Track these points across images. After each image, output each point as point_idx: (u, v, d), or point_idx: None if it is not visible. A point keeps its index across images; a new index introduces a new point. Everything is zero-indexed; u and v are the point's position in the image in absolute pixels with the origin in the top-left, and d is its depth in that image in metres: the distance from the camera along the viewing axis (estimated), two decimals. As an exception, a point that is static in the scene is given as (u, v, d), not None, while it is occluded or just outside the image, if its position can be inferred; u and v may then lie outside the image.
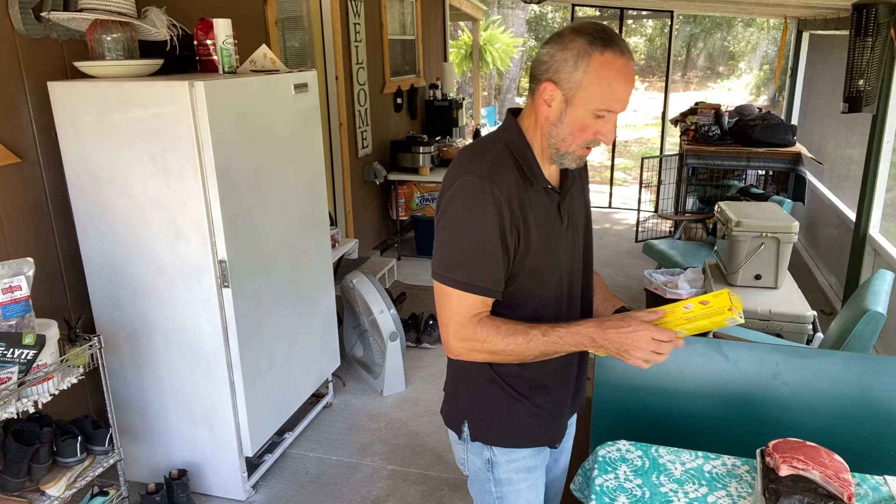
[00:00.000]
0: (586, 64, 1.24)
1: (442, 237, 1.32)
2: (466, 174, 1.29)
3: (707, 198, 5.69)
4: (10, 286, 1.91)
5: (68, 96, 2.34)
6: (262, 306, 2.63)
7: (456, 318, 1.32)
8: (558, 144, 1.32)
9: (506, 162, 1.32)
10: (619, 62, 1.24)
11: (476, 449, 1.50)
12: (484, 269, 1.29)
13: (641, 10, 10.06)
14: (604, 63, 1.24)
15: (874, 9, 3.30)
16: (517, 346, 1.30)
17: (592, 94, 1.25)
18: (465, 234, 1.29)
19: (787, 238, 3.18)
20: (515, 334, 1.30)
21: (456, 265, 1.30)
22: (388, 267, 4.94)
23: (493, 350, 1.31)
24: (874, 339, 2.32)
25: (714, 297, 1.30)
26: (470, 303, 1.31)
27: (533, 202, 1.33)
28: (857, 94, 3.48)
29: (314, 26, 4.50)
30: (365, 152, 5.24)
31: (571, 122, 1.29)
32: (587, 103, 1.26)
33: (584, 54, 1.24)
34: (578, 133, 1.30)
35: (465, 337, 1.32)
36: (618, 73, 1.25)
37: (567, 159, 1.34)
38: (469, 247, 1.29)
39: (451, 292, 1.31)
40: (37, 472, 2.12)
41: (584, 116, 1.28)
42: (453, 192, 1.30)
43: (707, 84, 17.84)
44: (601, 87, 1.24)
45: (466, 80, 13.60)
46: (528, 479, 1.51)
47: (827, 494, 1.29)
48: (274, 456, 2.90)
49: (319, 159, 3.04)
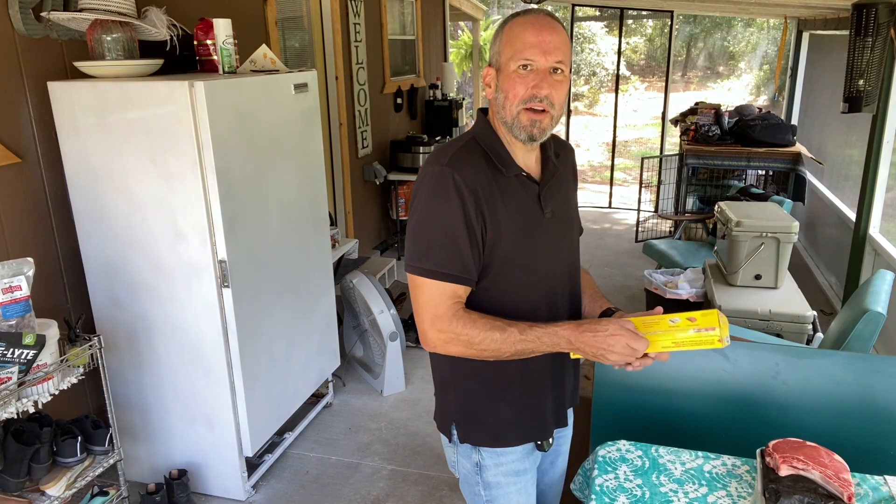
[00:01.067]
0: (501, 34, 1.34)
1: (409, 227, 1.35)
2: (431, 164, 1.33)
3: (707, 198, 5.69)
4: (10, 286, 1.91)
5: (68, 96, 2.34)
6: (262, 306, 2.63)
7: (429, 308, 1.31)
8: (504, 116, 1.35)
9: (472, 151, 1.35)
10: (526, 18, 1.32)
11: (465, 452, 1.49)
12: (451, 256, 1.30)
13: (641, 10, 10.06)
14: (513, 24, 1.33)
15: (874, 9, 3.30)
16: (493, 341, 1.29)
17: (507, 52, 1.31)
18: (430, 222, 1.31)
19: (787, 238, 3.19)
20: (492, 329, 1.29)
21: (423, 254, 1.31)
22: (388, 267, 4.94)
23: (469, 342, 1.30)
24: (874, 339, 2.32)
25: (702, 316, 1.26)
26: (441, 291, 1.31)
27: (505, 191, 1.34)
28: (857, 94, 3.48)
29: (314, 26, 4.50)
30: (365, 152, 5.24)
31: (504, 88, 1.33)
32: (507, 62, 1.31)
33: (500, 29, 1.35)
34: (512, 93, 1.32)
35: (441, 328, 1.31)
36: (524, 26, 1.31)
37: (516, 129, 1.34)
38: (434, 235, 1.30)
39: (423, 282, 1.31)
40: (37, 472, 2.12)
41: (511, 76, 1.31)
42: (419, 182, 1.35)
43: (707, 84, 17.84)
44: (511, 41, 1.31)
45: (466, 80, 13.60)
46: (518, 483, 1.50)
47: (827, 494, 1.29)
48: (274, 456, 2.90)
49: (319, 159, 3.04)
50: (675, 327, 1.26)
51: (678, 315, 1.29)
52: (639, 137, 13.87)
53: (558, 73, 1.31)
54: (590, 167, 10.81)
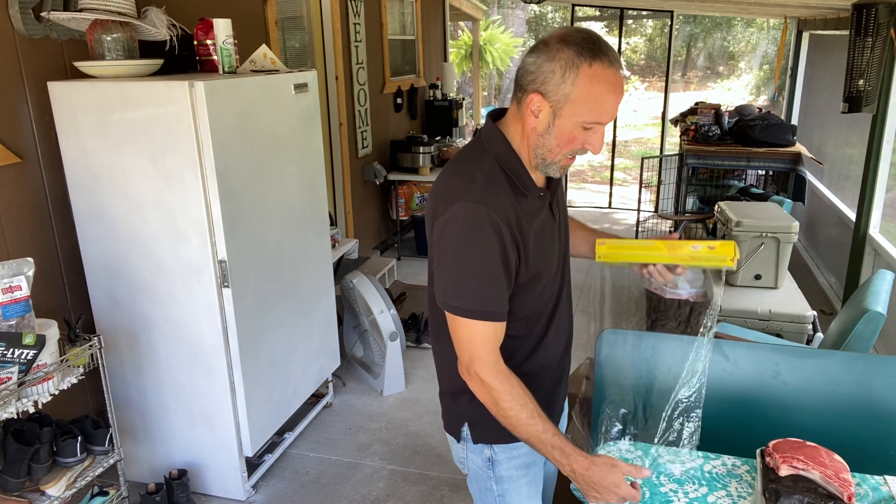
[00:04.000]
0: (574, 76, 1.21)
1: (444, 265, 1.31)
2: (461, 199, 1.26)
3: (707, 198, 5.68)
4: (10, 286, 1.90)
5: (68, 96, 2.34)
6: (262, 306, 2.63)
7: (469, 347, 1.32)
8: (545, 155, 1.31)
9: (498, 179, 1.30)
10: (608, 73, 1.22)
11: (476, 448, 1.50)
12: (489, 294, 1.29)
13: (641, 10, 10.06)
14: (592, 75, 1.21)
15: (874, 9, 3.30)
16: (517, 416, 1.30)
17: (581, 107, 1.23)
18: (468, 261, 1.28)
19: (787, 238, 3.18)
20: (523, 407, 1.30)
21: (462, 293, 1.29)
22: (388, 267, 4.94)
23: (497, 402, 1.31)
24: (874, 339, 2.32)
25: (721, 245, 1.41)
26: (481, 331, 1.31)
27: (528, 212, 1.33)
28: (857, 94, 3.48)
29: (314, 26, 4.50)
30: (365, 152, 5.24)
31: (559, 134, 1.27)
32: (575, 116, 1.24)
33: (572, 66, 1.21)
34: (566, 144, 1.28)
35: (477, 372, 1.31)
36: (607, 86, 1.22)
37: (552, 168, 1.34)
38: (473, 274, 1.28)
39: (460, 320, 1.31)
40: (37, 472, 2.12)
41: (573, 129, 1.26)
42: (449, 219, 1.27)
43: (707, 84, 17.84)
44: (590, 99, 1.22)
45: (466, 80, 13.59)
46: (528, 475, 1.53)
47: (827, 494, 1.29)
48: (274, 456, 2.90)
49: (319, 159, 3.04)
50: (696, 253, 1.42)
51: (700, 243, 1.44)
52: (639, 137, 13.87)
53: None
54: (590, 167, 10.81)
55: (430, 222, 1.36)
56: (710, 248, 1.41)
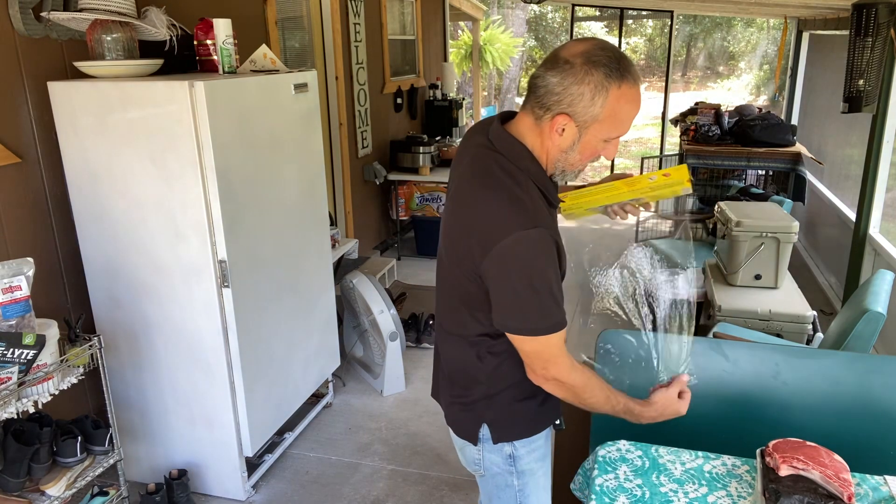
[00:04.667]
0: (604, 99, 1.24)
1: (514, 290, 1.30)
2: (520, 227, 1.26)
3: (707, 198, 5.68)
4: (10, 286, 1.91)
5: (68, 96, 2.34)
6: (262, 306, 2.63)
7: (545, 356, 1.36)
8: (565, 167, 1.37)
9: (538, 198, 1.35)
10: (633, 92, 1.27)
11: (496, 448, 1.51)
12: (558, 307, 1.34)
13: (641, 10, 10.06)
14: (620, 96, 1.25)
15: (874, 9, 3.30)
16: (598, 403, 1.42)
17: (607, 125, 1.28)
18: (542, 285, 1.30)
19: (787, 238, 3.18)
20: (601, 390, 1.41)
21: (537, 315, 1.32)
22: (388, 267, 4.95)
23: (578, 396, 1.40)
24: (874, 339, 2.32)
25: (675, 170, 1.46)
26: (556, 342, 1.35)
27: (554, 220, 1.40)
28: (857, 94, 3.47)
29: (314, 26, 4.50)
30: (365, 152, 5.24)
31: (583, 150, 1.33)
32: (601, 133, 1.30)
33: (601, 89, 1.23)
34: (587, 157, 1.36)
35: (556, 375, 1.37)
36: (632, 104, 1.28)
37: (570, 176, 1.40)
38: (547, 296, 1.32)
39: (543, 339, 1.34)
40: (37, 472, 2.12)
41: (596, 144, 1.32)
42: (513, 247, 1.26)
43: (707, 84, 17.84)
44: (617, 118, 1.28)
45: (466, 80, 13.59)
46: (544, 466, 1.58)
47: (827, 494, 1.29)
48: (274, 456, 2.90)
49: (319, 159, 3.04)
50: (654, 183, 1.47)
51: (654, 173, 1.49)
52: (639, 137, 13.87)
53: None
54: (590, 167, 10.80)
55: (478, 248, 1.31)
56: (665, 176, 1.46)
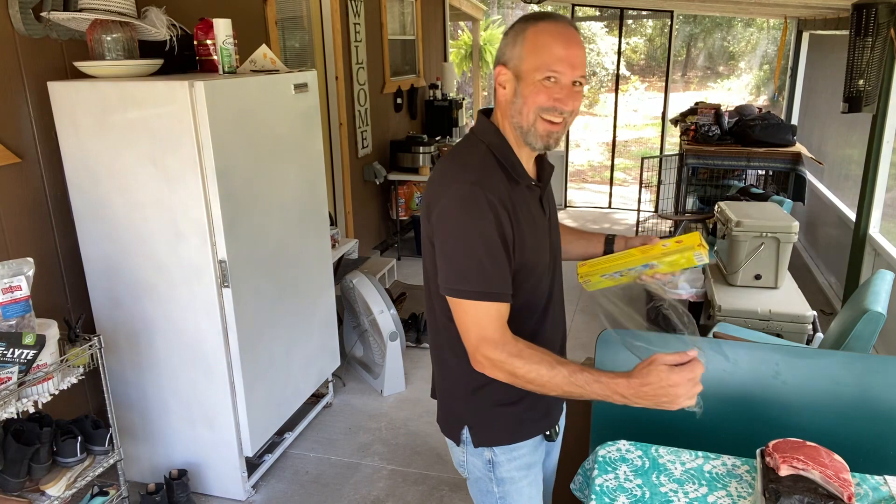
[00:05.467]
0: (523, 37, 1.31)
1: (445, 251, 1.31)
2: (455, 183, 1.30)
3: (707, 198, 5.68)
4: (10, 286, 1.91)
5: (68, 96, 2.34)
6: (262, 306, 2.63)
7: (476, 331, 1.30)
8: (520, 121, 1.34)
9: (491, 165, 1.34)
10: (554, 26, 1.31)
11: (477, 451, 1.50)
12: (491, 275, 1.29)
13: (641, 10, 10.06)
14: (538, 31, 1.31)
15: (874, 9, 3.30)
16: (539, 376, 1.26)
17: (531, 60, 1.30)
18: (469, 243, 1.28)
19: (787, 238, 3.18)
20: (540, 363, 1.26)
21: (464, 276, 1.29)
22: (388, 267, 4.94)
23: (514, 373, 1.28)
24: (874, 339, 2.32)
25: (687, 237, 1.49)
26: (486, 312, 1.29)
27: (519, 201, 1.35)
28: (857, 94, 3.47)
29: (314, 26, 4.50)
30: (365, 152, 5.24)
31: (524, 94, 1.32)
32: (531, 71, 1.30)
33: (521, 31, 1.32)
34: (531, 101, 1.32)
35: (487, 353, 1.29)
36: (553, 36, 1.30)
37: (531, 137, 1.35)
38: (475, 255, 1.28)
39: (467, 305, 1.30)
40: (37, 472, 2.12)
41: (536, 85, 1.31)
42: (446, 204, 1.30)
43: (707, 84, 17.84)
44: (538, 50, 1.30)
45: (466, 80, 13.60)
46: (529, 476, 1.52)
47: (827, 494, 1.29)
48: (274, 456, 2.90)
49: (319, 159, 3.04)
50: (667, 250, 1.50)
51: (667, 240, 1.52)
52: (639, 137, 13.87)
53: (577, 86, 1.32)
54: (590, 167, 10.81)
55: (425, 214, 1.37)
56: (677, 242, 1.49)
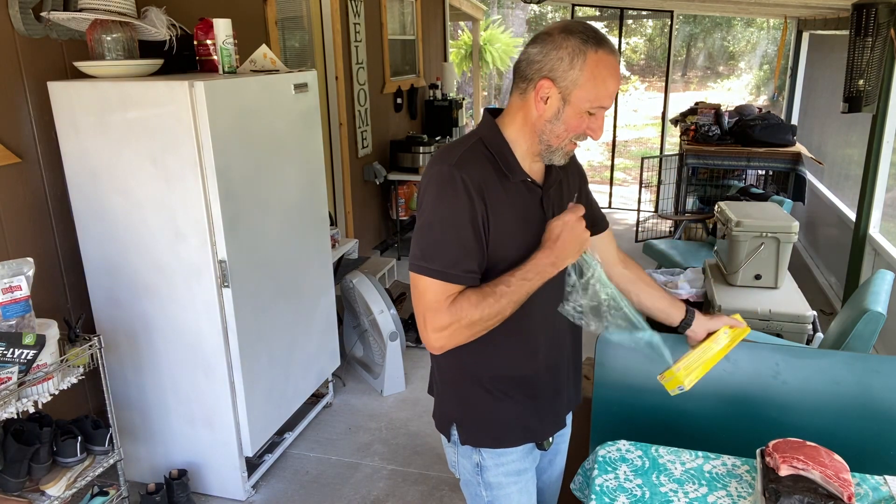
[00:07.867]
0: (582, 62, 1.27)
1: (416, 227, 1.34)
2: (437, 164, 1.33)
3: (707, 198, 5.68)
4: (10, 286, 1.91)
5: (68, 96, 2.34)
6: (262, 306, 2.63)
7: (432, 307, 1.29)
8: (551, 140, 1.34)
9: (478, 154, 1.35)
10: (611, 59, 1.30)
11: (466, 452, 1.50)
12: (457, 256, 1.29)
13: (641, 10, 10.06)
14: (598, 61, 1.28)
15: (874, 9, 3.30)
16: (490, 307, 1.28)
17: (588, 91, 1.29)
18: (438, 221, 1.30)
19: (787, 238, 3.18)
20: (485, 297, 1.28)
21: (431, 254, 1.29)
22: (388, 267, 4.94)
23: (472, 322, 1.28)
24: (874, 339, 2.32)
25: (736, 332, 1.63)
26: (445, 291, 1.29)
27: (510, 194, 1.35)
28: (857, 94, 3.47)
29: (314, 26, 4.50)
30: (365, 152, 5.24)
31: (567, 119, 1.32)
32: (583, 100, 1.30)
33: (579, 53, 1.27)
34: (573, 129, 1.33)
35: (442, 325, 1.29)
36: (609, 69, 1.29)
37: (557, 155, 1.37)
38: (442, 235, 1.29)
39: (428, 283, 1.29)
40: (37, 472, 2.12)
41: (580, 115, 1.31)
42: (425, 184, 1.34)
43: (707, 84, 17.84)
44: (596, 84, 1.28)
45: (466, 80, 13.59)
46: (518, 483, 1.51)
47: (827, 494, 1.29)
48: (274, 456, 2.90)
49: (319, 159, 3.04)
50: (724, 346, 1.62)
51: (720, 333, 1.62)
52: (639, 137, 13.87)
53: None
54: (590, 167, 10.82)
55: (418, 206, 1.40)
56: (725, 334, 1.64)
